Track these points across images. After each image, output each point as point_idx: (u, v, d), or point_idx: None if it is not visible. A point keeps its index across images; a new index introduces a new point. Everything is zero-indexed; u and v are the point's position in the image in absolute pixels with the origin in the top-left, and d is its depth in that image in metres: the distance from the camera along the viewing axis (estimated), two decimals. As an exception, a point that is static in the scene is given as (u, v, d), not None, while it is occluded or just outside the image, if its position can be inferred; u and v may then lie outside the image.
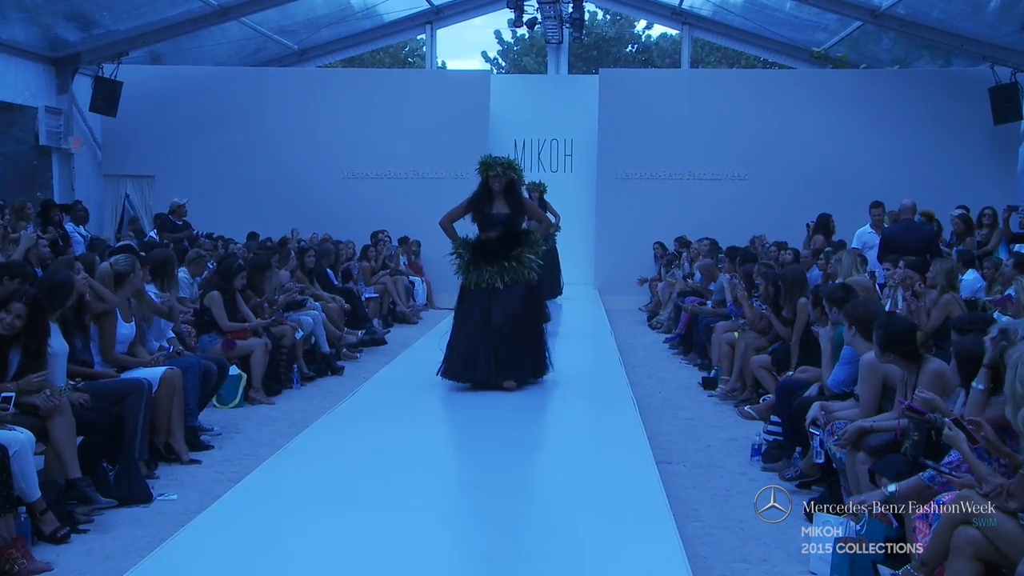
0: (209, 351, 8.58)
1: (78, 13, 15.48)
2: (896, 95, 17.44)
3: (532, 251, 8.45)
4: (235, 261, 9.35)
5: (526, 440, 6.93)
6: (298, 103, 18.15)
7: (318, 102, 18.15)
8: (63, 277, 6.15)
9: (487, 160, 8.51)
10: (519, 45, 31.60)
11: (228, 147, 17.93)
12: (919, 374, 5.19)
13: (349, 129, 18.05)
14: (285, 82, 18.58)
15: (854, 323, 5.89)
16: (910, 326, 5.45)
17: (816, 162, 17.39)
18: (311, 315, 10.52)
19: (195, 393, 7.22)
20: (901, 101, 17.39)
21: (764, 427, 7.22)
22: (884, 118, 17.45)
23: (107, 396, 6.21)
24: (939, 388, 5.05)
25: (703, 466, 6.79)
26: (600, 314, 14.48)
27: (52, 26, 15.60)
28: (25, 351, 5.53)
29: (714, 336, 10.09)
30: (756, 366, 8.64)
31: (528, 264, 8.36)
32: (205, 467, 6.75)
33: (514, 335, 8.17)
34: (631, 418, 7.32)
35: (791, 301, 8.45)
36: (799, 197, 16.79)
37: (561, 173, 18.76)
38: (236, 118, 18.02)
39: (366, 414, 7.59)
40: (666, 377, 10.55)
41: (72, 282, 6.13)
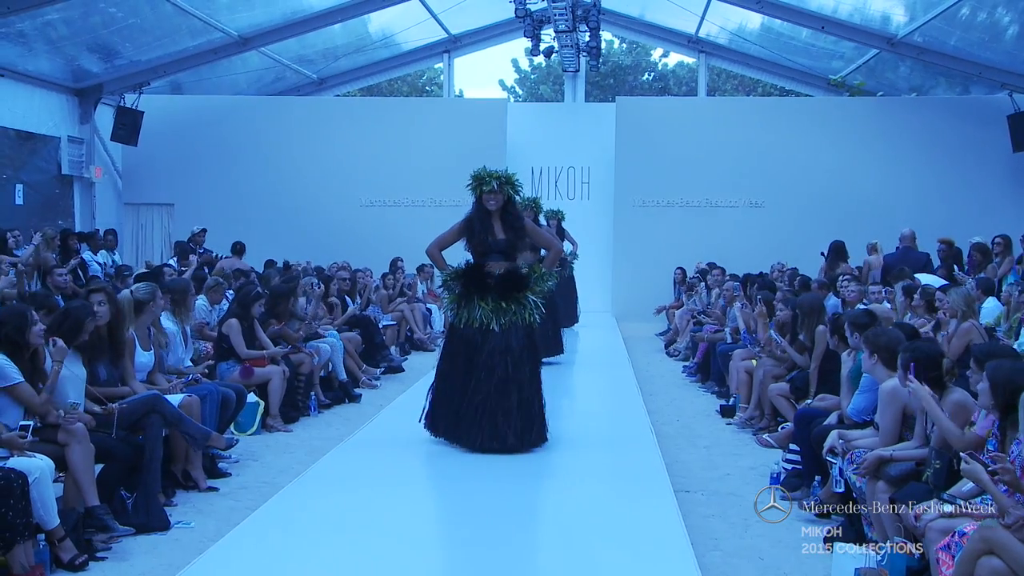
0: (227, 378, 8.59)
1: (101, 44, 15.67)
2: (913, 123, 17.43)
3: (535, 290, 7.36)
4: (253, 289, 9.39)
5: (543, 467, 6.89)
6: (316, 132, 18.26)
7: (336, 130, 18.26)
8: (76, 309, 6.12)
9: (480, 174, 7.33)
10: (536, 73, 31.72)
11: (247, 175, 18.06)
12: (941, 403, 5.15)
13: (367, 157, 18.14)
14: (303, 111, 18.71)
15: (876, 350, 5.85)
16: (938, 351, 5.41)
17: (833, 190, 17.36)
18: (328, 342, 10.53)
19: (213, 420, 7.23)
20: (918, 129, 17.37)
21: (783, 455, 7.18)
22: (901, 146, 17.44)
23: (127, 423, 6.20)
24: (960, 419, 5.01)
25: (722, 494, 6.74)
26: (617, 341, 14.44)
27: (76, 57, 15.82)
28: None
29: (732, 364, 10.04)
30: (774, 394, 8.58)
31: (529, 305, 7.24)
32: (222, 495, 6.74)
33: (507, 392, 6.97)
34: (649, 446, 7.29)
35: (808, 328, 8.41)
36: (816, 225, 16.74)
37: (579, 200, 18.78)
38: (255, 147, 18.16)
39: (384, 441, 7.57)
40: (684, 405, 10.49)
41: (85, 314, 6.09)
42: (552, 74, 29.79)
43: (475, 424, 6.96)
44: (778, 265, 14.49)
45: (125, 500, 5.88)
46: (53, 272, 10.28)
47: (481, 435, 6.94)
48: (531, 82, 32.24)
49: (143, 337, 7.12)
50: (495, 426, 6.94)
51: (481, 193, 7.31)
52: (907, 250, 12.86)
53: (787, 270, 13.32)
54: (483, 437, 6.94)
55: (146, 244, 18.26)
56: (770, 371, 8.93)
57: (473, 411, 6.97)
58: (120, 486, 5.89)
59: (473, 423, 6.97)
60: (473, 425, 6.97)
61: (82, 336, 6.04)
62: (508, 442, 6.95)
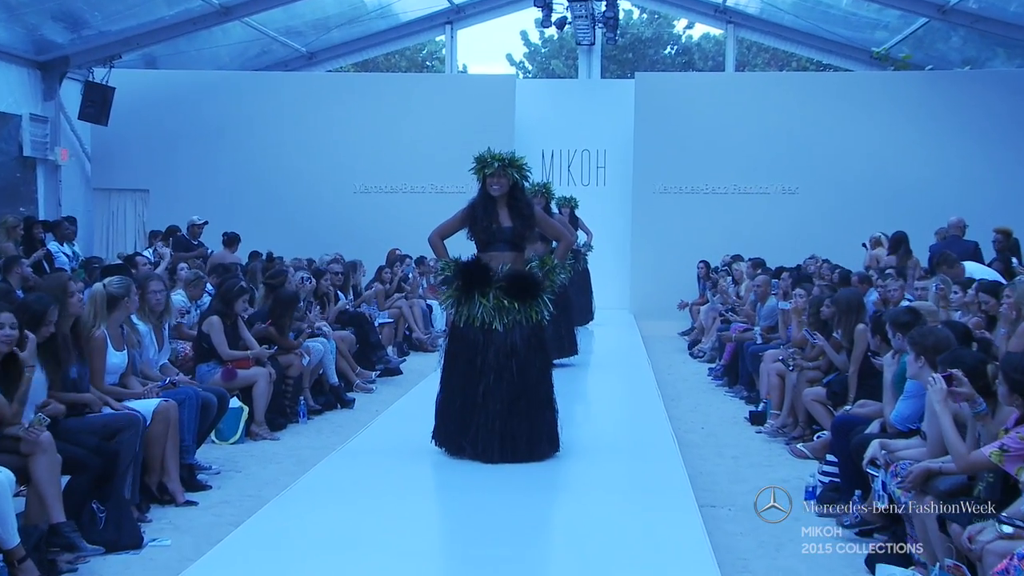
0: (208, 381, 8.58)
1: (66, 12, 15.66)
2: (966, 100, 17.37)
3: (546, 285, 7.35)
4: (236, 283, 9.38)
5: (554, 479, 6.88)
6: (306, 111, 18.28)
7: (328, 110, 18.27)
8: (35, 302, 6.07)
9: (483, 156, 7.37)
10: (547, 47, 31.70)
11: (229, 159, 18.08)
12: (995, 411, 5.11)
13: (361, 139, 18.15)
14: (292, 88, 18.74)
15: (922, 352, 5.81)
16: (978, 360, 5.37)
17: (876, 174, 17.32)
18: (319, 341, 10.52)
19: (192, 428, 7.21)
20: (972, 106, 17.31)
21: (819, 467, 7.16)
22: (952, 126, 17.38)
23: (97, 431, 6.21)
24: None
25: (751, 510, 6.70)
26: (636, 341, 14.43)
27: (38, 26, 15.79)
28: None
29: (763, 366, 10.01)
30: (809, 399, 8.55)
31: (537, 304, 7.23)
32: (202, 509, 6.73)
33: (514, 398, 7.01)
34: (671, 456, 7.28)
35: (847, 327, 8.38)
36: (856, 213, 16.73)
37: (593, 187, 18.77)
38: (238, 127, 18.17)
39: (380, 451, 7.57)
40: (709, 411, 10.48)
41: (46, 309, 6.04)
42: (565, 48, 29.77)
43: (484, 433, 6.97)
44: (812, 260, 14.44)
45: (96, 514, 5.85)
46: (18, 264, 10.27)
47: (491, 445, 6.95)
48: (542, 57, 32.23)
49: (116, 336, 7.11)
50: (504, 435, 6.95)
51: (484, 177, 7.34)
52: (954, 240, 12.66)
53: (823, 263, 13.27)
54: (492, 447, 6.95)
55: (118, 234, 18.28)
56: (804, 374, 8.90)
57: (484, 418, 6.98)
58: (90, 500, 5.87)
59: (481, 432, 6.98)
60: (481, 434, 6.98)
61: (43, 331, 5.94)
62: (518, 451, 6.97)
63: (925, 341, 5.86)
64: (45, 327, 5.94)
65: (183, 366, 8.85)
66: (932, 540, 5.01)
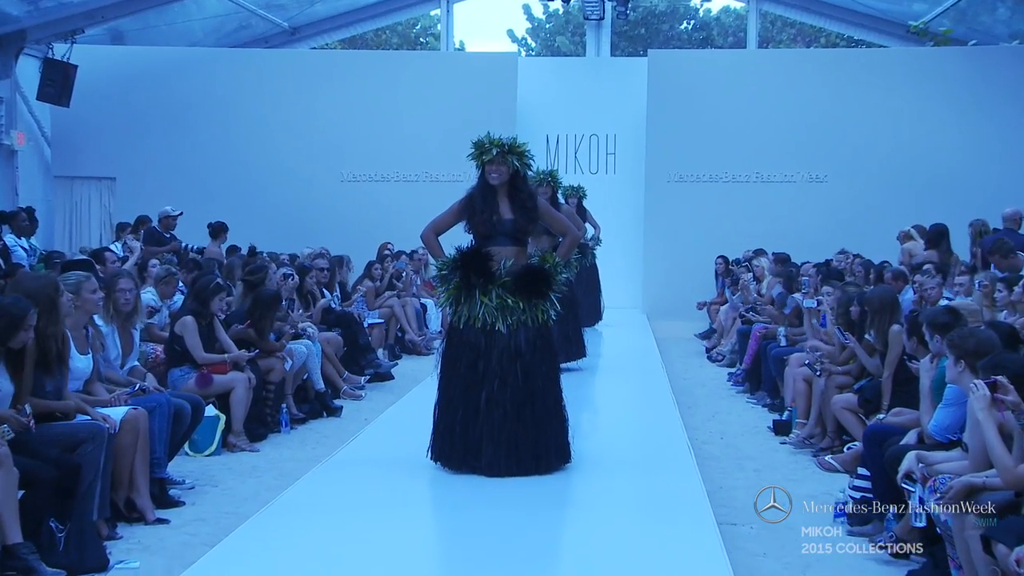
0: (181, 388, 8.59)
1: (21, -19, 15.64)
2: (1013, 78, 17.36)
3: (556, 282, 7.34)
4: (212, 280, 9.36)
5: (562, 493, 6.89)
6: (288, 92, 18.27)
7: (312, 91, 18.26)
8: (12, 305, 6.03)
9: (481, 141, 7.33)
10: (552, 22, 31.71)
11: (204, 145, 18.07)
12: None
13: (349, 124, 18.14)
14: (273, 66, 18.72)
15: (962, 356, 5.80)
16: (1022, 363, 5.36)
17: (913, 161, 17.32)
18: (304, 344, 10.52)
19: (163, 438, 7.20)
20: (1020, 85, 17.29)
21: (850, 481, 7.14)
22: (998, 107, 17.36)
23: (58, 442, 6.20)
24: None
25: (775, 529, 6.71)
26: (649, 343, 14.43)
27: (-11, -4, 15.75)
28: None
29: (787, 370, 10.01)
30: (839, 407, 8.55)
31: (544, 302, 7.23)
32: (174, 528, 6.72)
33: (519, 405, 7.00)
34: (687, 469, 7.29)
35: (880, 328, 8.37)
36: (890, 203, 16.73)
37: (602, 175, 18.80)
38: (214, 110, 18.17)
39: (370, 463, 7.57)
40: (729, 420, 10.49)
41: (24, 314, 5.98)
42: (572, 23, 29.77)
43: (486, 445, 6.97)
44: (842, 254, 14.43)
45: (55, 534, 5.84)
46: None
47: (494, 457, 6.94)
48: (546, 33, 32.23)
49: (80, 339, 7.10)
50: (509, 446, 6.95)
51: (483, 164, 7.32)
52: (1008, 233, 12.15)
53: (854, 258, 13.26)
54: (496, 459, 6.94)
55: (81, 226, 18.26)
56: (833, 379, 8.90)
57: (487, 428, 6.98)
58: (49, 517, 5.85)
59: (484, 443, 6.97)
60: (484, 446, 6.97)
61: (20, 338, 5.91)
62: (523, 464, 6.97)
63: (966, 344, 5.85)
64: (24, 332, 5.91)
65: (154, 371, 8.82)
66: (975, 562, 5.00)
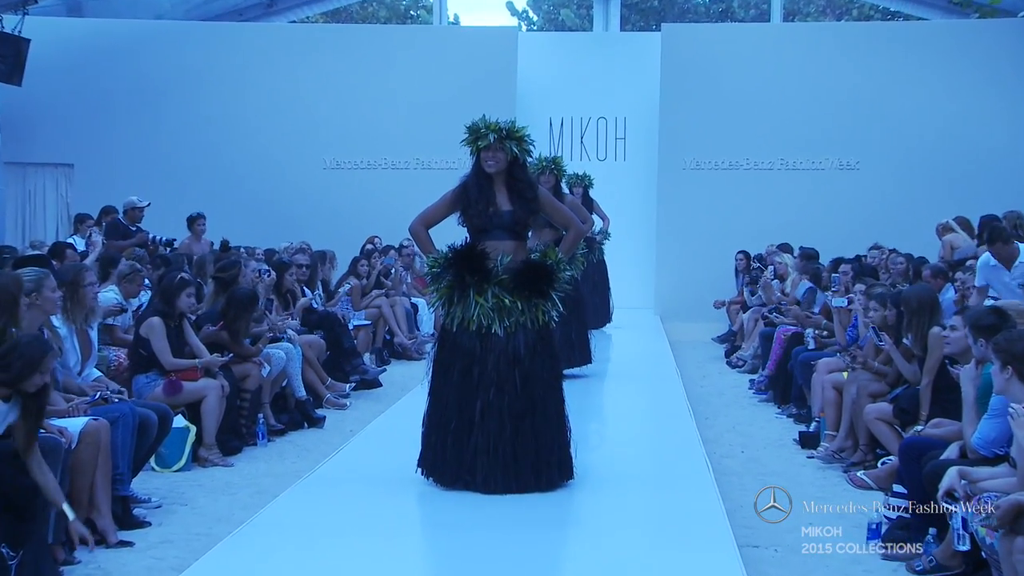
0: (146, 396, 8.57)
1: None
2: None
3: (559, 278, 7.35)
4: (177, 275, 9.31)
5: (567, 514, 6.89)
6: (265, 70, 18.30)
7: (292, 69, 18.28)
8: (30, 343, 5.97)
9: (477, 126, 7.30)
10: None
11: (172, 128, 18.12)
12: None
13: (332, 105, 18.17)
14: (248, 41, 18.74)
15: (1009, 362, 5.79)
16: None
17: (954, 145, 17.36)
18: (282, 348, 10.51)
19: (127, 452, 7.19)
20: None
21: (885, 500, 7.12)
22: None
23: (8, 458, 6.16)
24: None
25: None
26: (662, 347, 14.46)
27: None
28: None
29: (815, 377, 9.99)
30: (873, 417, 8.54)
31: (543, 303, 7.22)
32: (139, 551, 6.70)
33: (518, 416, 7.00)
34: (705, 486, 7.27)
35: (918, 331, 8.35)
36: (930, 192, 16.73)
37: (611, 162, 18.83)
38: (182, 89, 18.20)
39: (356, 479, 7.56)
40: (751, 432, 10.47)
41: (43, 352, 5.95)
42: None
43: (481, 459, 6.95)
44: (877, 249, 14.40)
45: (6, 561, 5.81)
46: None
47: (490, 472, 6.93)
48: (549, 5, 32.24)
49: (34, 341, 7.07)
50: (506, 460, 6.94)
51: (478, 150, 7.31)
52: None
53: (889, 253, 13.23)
54: (492, 475, 6.93)
55: (35, 218, 18.25)
56: (867, 386, 8.88)
57: (482, 441, 6.96)
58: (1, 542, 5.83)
59: (479, 457, 6.96)
60: (479, 460, 6.95)
61: (32, 383, 5.83)
62: (522, 479, 6.96)
63: (1013, 348, 5.83)
64: (40, 376, 5.87)
65: (117, 377, 8.83)
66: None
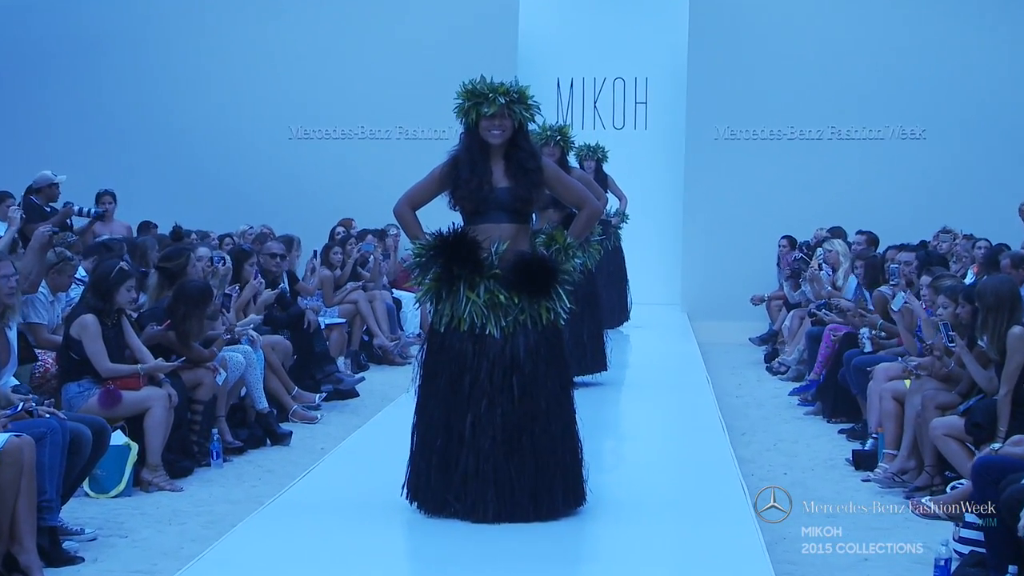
0: (79, 408, 8.55)
1: None
2: None
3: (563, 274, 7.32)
4: (114, 266, 9.27)
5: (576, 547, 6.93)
6: (222, 21, 18.28)
7: (253, 24, 18.29)
8: None
9: (475, 87, 7.17)
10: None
11: (110, 92, 18.16)
12: None
13: (302, 65, 18.20)
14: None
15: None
16: None
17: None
18: (240, 351, 10.49)
19: (55, 475, 7.17)
20: None
21: (955, 532, 7.12)
22: None
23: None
24: None
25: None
26: (691, 350, 14.51)
27: None
28: None
29: (871, 385, 9.99)
30: (940, 434, 8.51)
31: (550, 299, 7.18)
32: (70, 591, 6.71)
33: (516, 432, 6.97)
34: (741, 514, 7.25)
35: (995, 331, 8.31)
36: (1008, 167, 16.68)
37: (629, 131, 18.84)
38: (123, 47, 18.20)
39: (326, 507, 7.54)
40: (796, 450, 10.48)
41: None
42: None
43: (473, 482, 6.92)
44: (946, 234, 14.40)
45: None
46: None
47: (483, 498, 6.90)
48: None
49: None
50: (502, 484, 6.91)
51: (478, 118, 7.20)
52: None
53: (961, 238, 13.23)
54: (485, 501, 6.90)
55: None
56: (933, 397, 8.85)
57: (474, 460, 6.93)
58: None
59: (471, 480, 6.93)
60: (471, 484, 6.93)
61: None
62: (519, 507, 6.93)
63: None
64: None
65: (43, 387, 8.81)
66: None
